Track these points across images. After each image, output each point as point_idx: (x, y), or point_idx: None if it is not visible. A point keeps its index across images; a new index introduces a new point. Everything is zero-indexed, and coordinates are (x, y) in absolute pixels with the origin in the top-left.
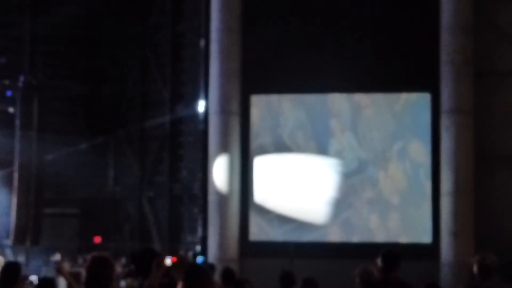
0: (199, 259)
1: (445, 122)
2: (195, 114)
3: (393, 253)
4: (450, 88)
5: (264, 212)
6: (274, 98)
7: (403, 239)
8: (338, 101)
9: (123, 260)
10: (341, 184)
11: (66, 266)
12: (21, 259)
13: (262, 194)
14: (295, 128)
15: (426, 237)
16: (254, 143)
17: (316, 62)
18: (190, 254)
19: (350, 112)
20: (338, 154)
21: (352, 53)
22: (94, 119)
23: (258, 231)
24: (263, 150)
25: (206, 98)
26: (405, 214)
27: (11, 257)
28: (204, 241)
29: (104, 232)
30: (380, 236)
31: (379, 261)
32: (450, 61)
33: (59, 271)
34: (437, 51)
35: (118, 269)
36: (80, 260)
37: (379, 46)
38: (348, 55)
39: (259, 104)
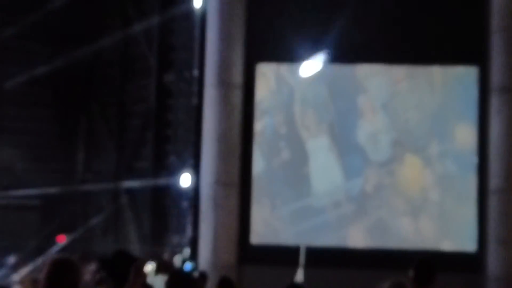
0: (188, 265)
1: (496, 103)
2: (187, 85)
3: (428, 263)
4: (502, 61)
5: (270, 208)
6: (286, 68)
7: (443, 246)
8: (367, 73)
9: (93, 265)
10: (369, 176)
11: (25, 273)
12: None
13: (268, 186)
14: (313, 106)
15: (470, 245)
16: (260, 123)
17: (339, 26)
18: (177, 259)
19: (382, 88)
20: (369, 139)
21: (385, 17)
22: (62, 89)
23: (262, 232)
24: (272, 132)
25: (202, 66)
26: (445, 215)
27: None
28: (194, 243)
29: (70, 230)
30: (414, 242)
31: (411, 273)
32: (502, 29)
33: (20, 281)
34: (487, 17)
35: (87, 276)
36: (40, 264)
37: (418, 10)
38: (380, 20)
39: (267, 74)
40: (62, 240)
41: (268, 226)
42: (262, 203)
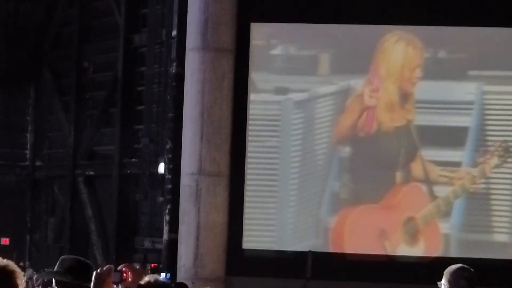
0: (163, 276)
1: None
2: (163, 49)
3: (464, 271)
4: None
5: (267, 206)
6: (290, 29)
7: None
8: (393, 38)
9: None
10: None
11: None
12: None
13: (266, 178)
14: (326, 77)
15: None
16: (256, 98)
17: None
18: (149, 268)
19: (411, 56)
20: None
21: None
22: (7, 54)
23: (258, 235)
24: (272, 111)
25: (182, 26)
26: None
27: None
28: (172, 249)
29: (15, 229)
30: (456, 247)
31: (443, 285)
32: None
33: None
34: None
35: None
36: None
37: None
38: None
39: (265, 36)
40: (5, 242)
41: (265, 228)
42: (257, 199)
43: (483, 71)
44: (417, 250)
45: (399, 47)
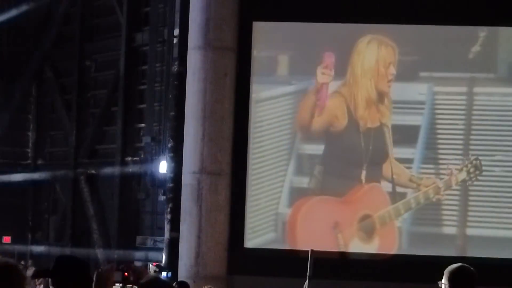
0: (165, 275)
1: None
2: (165, 48)
3: (465, 271)
4: None
5: (269, 205)
6: (290, 27)
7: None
8: (365, 40)
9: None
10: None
11: None
12: None
13: (266, 176)
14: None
15: None
16: (258, 95)
17: None
18: (151, 267)
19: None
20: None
21: None
22: (9, 52)
23: (260, 233)
24: (273, 109)
25: (184, 24)
26: None
27: None
28: (173, 247)
29: (16, 228)
30: (407, 241)
31: (443, 284)
32: None
33: None
34: None
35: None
36: None
37: None
38: None
39: (266, 35)
40: (6, 240)
41: (267, 226)
42: (259, 198)
43: (434, 73)
44: (371, 248)
45: (372, 46)
